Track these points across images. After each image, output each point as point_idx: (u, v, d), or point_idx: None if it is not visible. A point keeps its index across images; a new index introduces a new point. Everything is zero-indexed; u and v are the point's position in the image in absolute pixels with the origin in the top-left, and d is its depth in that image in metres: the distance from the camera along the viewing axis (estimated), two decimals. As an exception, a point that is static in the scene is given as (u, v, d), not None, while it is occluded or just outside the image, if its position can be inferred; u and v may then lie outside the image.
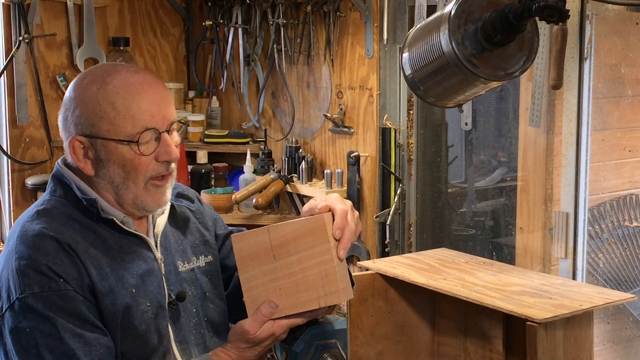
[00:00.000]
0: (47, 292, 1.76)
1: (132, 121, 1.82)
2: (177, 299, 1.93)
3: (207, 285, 2.03)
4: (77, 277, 1.79)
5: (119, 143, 1.83)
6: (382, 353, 2.26)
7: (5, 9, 3.39)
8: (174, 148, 1.88)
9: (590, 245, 2.55)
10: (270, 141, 3.47)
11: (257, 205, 3.27)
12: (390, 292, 2.27)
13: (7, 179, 3.50)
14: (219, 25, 3.57)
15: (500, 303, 1.96)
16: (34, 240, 1.79)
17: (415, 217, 3.07)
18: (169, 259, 1.96)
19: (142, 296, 1.86)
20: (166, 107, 1.87)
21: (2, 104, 3.45)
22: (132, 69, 1.90)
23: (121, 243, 1.88)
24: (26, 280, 1.76)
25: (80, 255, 1.80)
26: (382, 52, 2.99)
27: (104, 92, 1.83)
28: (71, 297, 1.77)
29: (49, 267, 1.76)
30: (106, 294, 1.81)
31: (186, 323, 1.95)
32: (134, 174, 1.85)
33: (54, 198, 1.90)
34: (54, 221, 1.83)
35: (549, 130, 2.53)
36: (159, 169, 1.87)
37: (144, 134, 1.83)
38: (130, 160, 1.84)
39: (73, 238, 1.81)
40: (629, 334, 2.69)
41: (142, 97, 1.84)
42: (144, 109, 1.83)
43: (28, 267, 1.77)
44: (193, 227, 2.08)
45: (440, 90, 2.02)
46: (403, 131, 3.02)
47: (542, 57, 2.43)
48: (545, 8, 1.78)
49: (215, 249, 2.11)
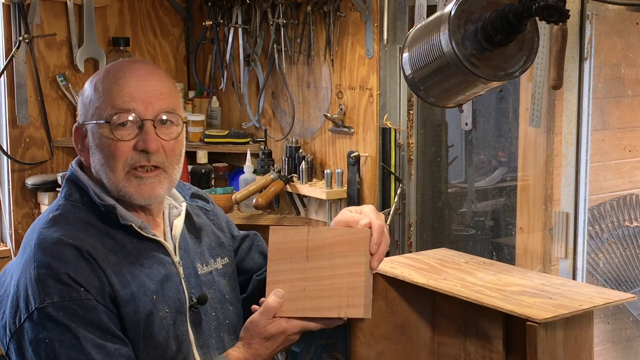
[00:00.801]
0: (68, 301, 1.71)
1: (112, 102, 1.79)
2: (199, 302, 1.89)
3: (225, 288, 1.99)
4: (98, 285, 1.74)
5: (99, 125, 1.80)
6: (382, 353, 2.25)
7: (5, 9, 3.39)
8: (153, 138, 1.81)
9: (590, 245, 2.55)
10: (270, 141, 3.47)
11: (257, 205, 3.27)
12: (390, 292, 2.26)
13: (7, 179, 3.50)
14: (219, 25, 3.57)
15: (500, 303, 1.96)
16: (53, 248, 1.74)
17: (415, 217, 3.07)
18: (188, 261, 1.92)
19: (161, 302, 1.82)
20: (156, 96, 1.82)
21: (2, 104, 3.46)
22: (139, 60, 1.90)
23: (139, 248, 1.83)
24: (46, 289, 1.71)
25: (101, 263, 1.76)
26: (382, 52, 2.99)
27: (95, 79, 1.84)
28: (92, 306, 1.73)
29: (69, 276, 1.72)
30: (128, 302, 1.77)
31: (207, 327, 1.91)
32: (112, 160, 1.80)
33: (70, 202, 1.85)
34: (72, 227, 1.79)
35: (549, 130, 2.53)
36: (137, 157, 1.81)
37: (119, 115, 1.79)
38: (108, 146, 1.80)
39: (92, 245, 1.77)
40: (629, 334, 2.69)
41: (126, 81, 1.80)
42: (125, 92, 1.80)
43: (47, 276, 1.72)
44: (208, 229, 2.04)
45: (441, 90, 2.02)
46: (403, 131, 3.02)
47: (542, 57, 2.43)
48: (545, 8, 1.78)
49: (231, 251, 2.07)
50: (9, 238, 3.53)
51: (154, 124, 1.82)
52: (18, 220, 3.52)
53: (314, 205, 3.32)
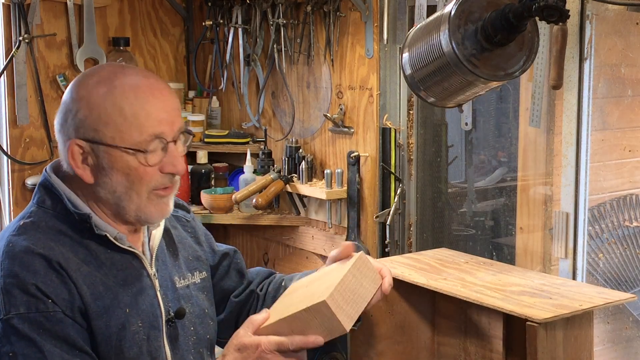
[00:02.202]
0: (34, 313, 1.64)
1: (140, 128, 1.70)
2: (176, 317, 1.83)
3: (204, 302, 1.94)
4: (67, 298, 1.67)
5: (124, 151, 1.71)
6: (382, 353, 2.25)
7: (5, 9, 3.39)
8: (180, 160, 1.76)
9: (590, 245, 2.55)
10: (270, 141, 3.47)
11: (257, 205, 3.27)
12: (391, 292, 2.26)
13: (7, 179, 3.50)
14: (219, 25, 3.57)
15: (500, 303, 1.96)
16: (22, 257, 1.67)
17: (415, 217, 3.07)
18: (165, 274, 1.86)
19: (134, 316, 1.74)
20: (175, 114, 1.76)
21: (2, 104, 3.45)
22: (141, 72, 1.79)
23: (113, 259, 1.76)
24: (12, 300, 1.64)
25: (72, 274, 1.68)
26: (382, 52, 2.99)
27: (112, 96, 1.71)
28: (59, 319, 1.65)
29: (37, 287, 1.64)
30: (100, 315, 1.70)
31: (184, 342, 1.84)
32: (138, 185, 1.73)
33: (42, 210, 1.76)
34: (42, 236, 1.71)
35: (549, 130, 2.53)
36: (162, 180, 1.76)
37: (152, 143, 1.71)
38: (135, 169, 1.72)
39: (63, 255, 1.69)
40: (629, 334, 2.69)
41: (151, 103, 1.72)
42: (153, 116, 1.71)
43: (14, 286, 1.64)
44: (186, 242, 1.97)
45: (441, 90, 2.02)
46: (403, 131, 3.02)
47: (542, 57, 2.43)
48: (545, 8, 1.78)
49: (207, 265, 2.01)
50: (9, 238, 3.53)
51: (175, 143, 1.77)
52: (18, 220, 3.52)
53: (314, 205, 3.32)
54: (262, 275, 2.13)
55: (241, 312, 2.05)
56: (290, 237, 3.44)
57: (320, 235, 3.29)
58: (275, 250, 3.56)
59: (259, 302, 2.06)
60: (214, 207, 3.40)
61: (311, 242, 3.34)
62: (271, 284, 2.09)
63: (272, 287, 2.08)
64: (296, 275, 2.06)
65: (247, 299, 2.07)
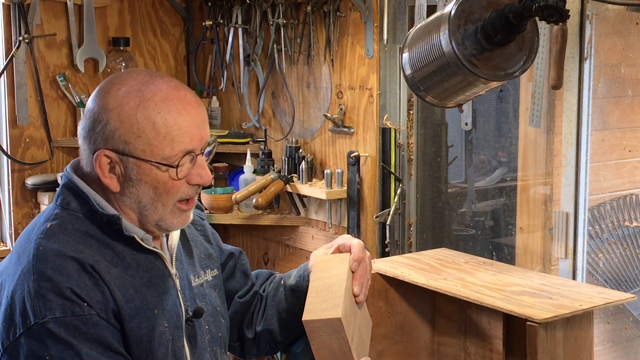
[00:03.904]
0: (70, 317, 1.63)
1: (172, 144, 1.69)
2: (194, 316, 1.83)
3: (216, 300, 1.94)
4: (101, 300, 1.67)
5: (154, 165, 1.70)
6: (382, 353, 2.26)
7: (5, 9, 3.39)
8: (207, 171, 1.76)
9: (590, 245, 2.55)
10: (270, 141, 3.47)
11: (257, 205, 3.27)
12: (390, 292, 2.26)
13: (7, 179, 3.50)
14: (219, 25, 3.57)
15: (500, 303, 1.96)
16: (54, 261, 1.65)
17: (415, 217, 3.07)
18: (183, 273, 1.86)
19: (161, 316, 1.75)
20: (204, 127, 1.75)
21: (2, 104, 3.46)
22: (172, 83, 1.75)
23: (139, 260, 1.76)
24: (47, 304, 1.63)
25: (104, 277, 1.68)
26: (382, 52, 2.99)
27: (144, 110, 1.69)
28: (95, 322, 1.65)
29: (72, 290, 1.63)
30: (132, 317, 1.70)
31: (201, 341, 1.85)
32: (165, 197, 1.73)
33: (67, 212, 1.74)
34: (70, 239, 1.70)
35: (549, 130, 2.53)
36: (189, 191, 1.76)
37: (183, 158, 1.71)
38: (164, 183, 1.72)
39: (93, 257, 1.68)
40: (629, 334, 2.69)
41: (183, 117, 1.70)
42: (185, 132, 1.70)
43: (49, 290, 1.63)
44: (197, 240, 1.98)
45: (441, 90, 2.02)
46: (403, 131, 3.02)
47: (542, 57, 2.43)
48: (545, 8, 1.78)
49: (218, 263, 2.02)
50: (9, 238, 3.53)
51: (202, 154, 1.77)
52: (18, 221, 3.52)
53: (314, 205, 3.32)
54: (263, 277, 2.14)
55: (245, 313, 2.06)
56: (290, 237, 3.44)
57: (320, 235, 3.29)
58: (275, 250, 3.56)
59: (261, 303, 2.07)
60: (214, 207, 3.41)
61: (311, 242, 3.34)
62: (271, 284, 2.10)
63: (272, 286, 2.08)
64: (293, 272, 2.06)
65: (252, 299, 2.07)
